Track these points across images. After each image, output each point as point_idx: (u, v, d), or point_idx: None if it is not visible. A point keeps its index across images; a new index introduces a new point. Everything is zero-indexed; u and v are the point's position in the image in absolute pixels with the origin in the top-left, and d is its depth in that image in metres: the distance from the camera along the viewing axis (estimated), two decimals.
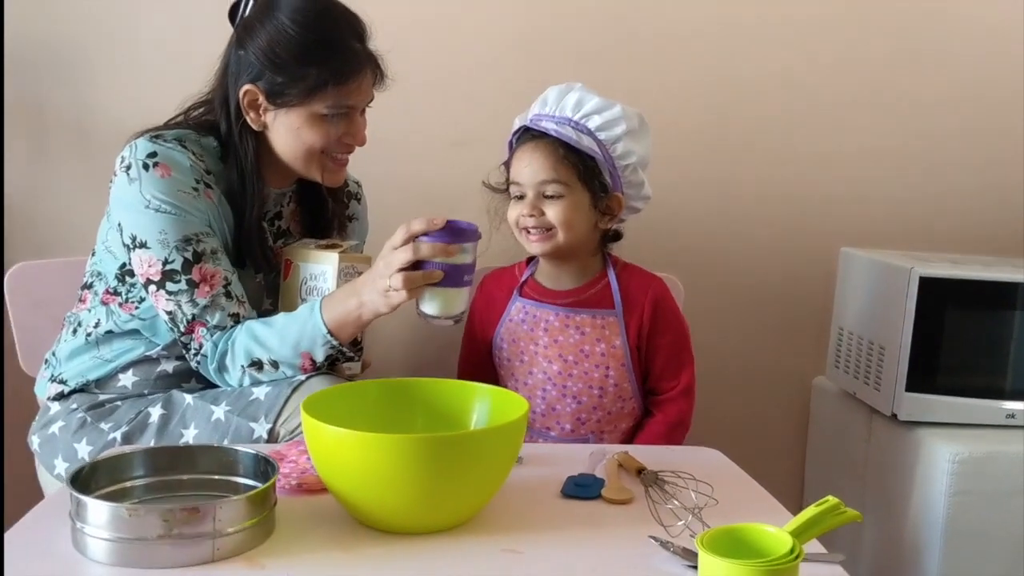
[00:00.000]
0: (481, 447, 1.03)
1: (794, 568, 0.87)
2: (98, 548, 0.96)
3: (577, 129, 1.52)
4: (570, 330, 1.58)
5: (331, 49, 1.42)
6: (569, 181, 1.52)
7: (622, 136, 1.53)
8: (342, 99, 1.45)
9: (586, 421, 1.58)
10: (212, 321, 1.42)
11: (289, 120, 1.44)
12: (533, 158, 1.53)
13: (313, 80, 1.41)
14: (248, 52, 1.43)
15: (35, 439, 1.53)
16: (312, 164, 1.49)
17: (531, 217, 1.53)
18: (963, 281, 1.72)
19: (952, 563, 1.66)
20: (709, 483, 1.14)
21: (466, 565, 0.98)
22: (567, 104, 1.54)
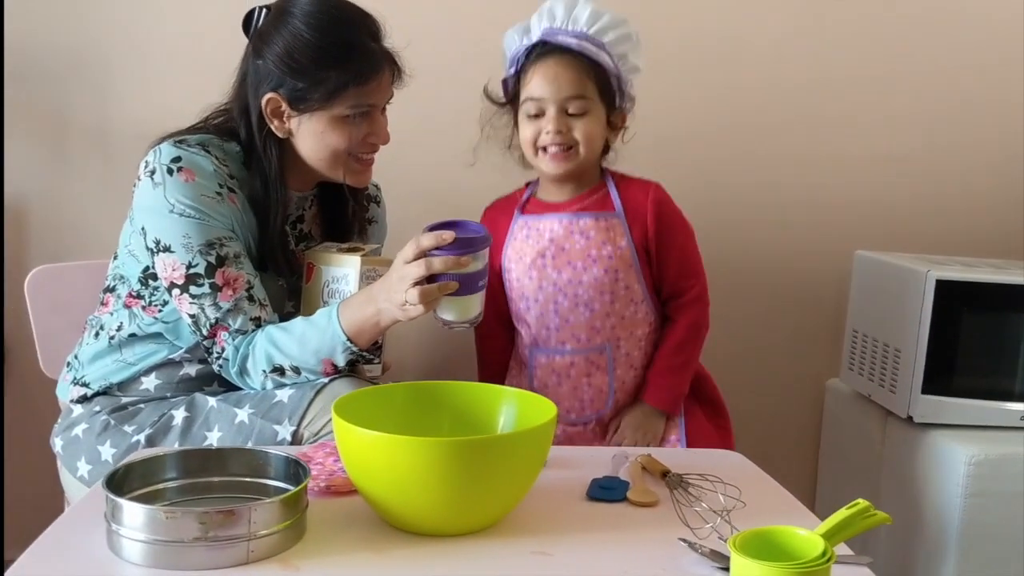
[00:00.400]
0: (511, 450, 1.04)
1: (826, 571, 0.88)
2: (134, 550, 0.97)
3: (594, 43, 1.53)
4: (575, 235, 1.58)
5: (349, 50, 1.43)
6: (592, 96, 1.53)
7: (629, 50, 1.56)
8: (363, 99, 1.46)
9: (600, 329, 1.59)
10: (234, 325, 1.43)
11: (313, 125, 1.46)
12: (559, 72, 1.52)
13: (333, 83, 1.42)
14: (266, 61, 1.44)
15: (58, 441, 1.54)
16: (338, 166, 1.50)
17: (557, 134, 1.52)
18: (979, 284, 1.73)
19: (969, 565, 1.67)
20: (736, 486, 1.14)
21: (497, 567, 0.99)
22: (580, 18, 1.53)
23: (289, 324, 1.44)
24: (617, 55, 1.55)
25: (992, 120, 2.16)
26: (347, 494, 1.16)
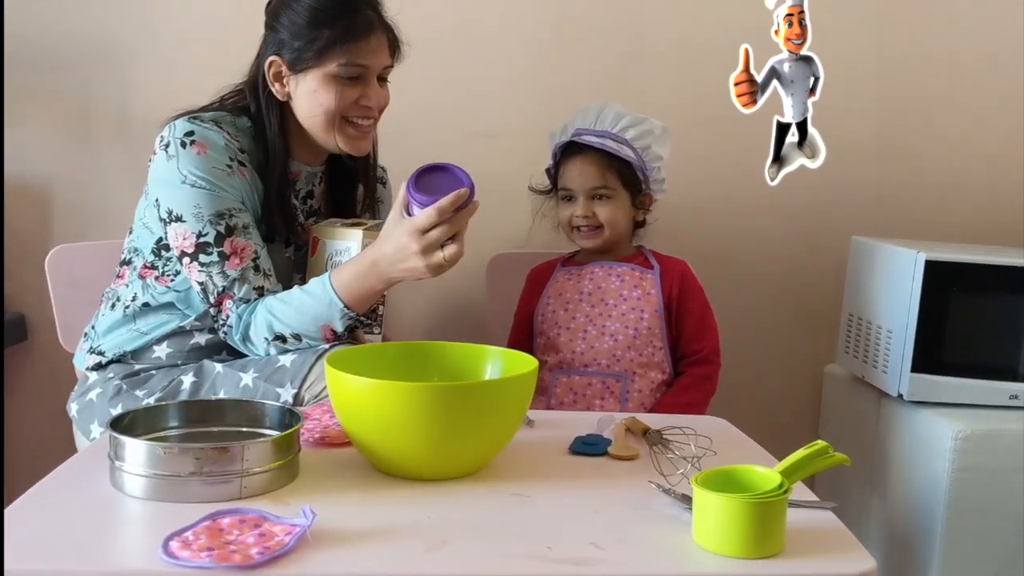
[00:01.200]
0: (493, 397, 1.10)
1: (782, 502, 0.93)
2: (135, 484, 1.03)
3: (616, 140, 1.76)
4: (612, 277, 1.80)
5: (341, 11, 1.50)
6: (614, 185, 1.78)
7: (652, 143, 1.78)
8: (353, 57, 1.51)
9: (621, 359, 1.74)
10: (239, 294, 1.49)
11: (306, 84, 1.52)
12: (583, 167, 1.77)
13: (325, 40, 1.49)
14: (272, 30, 1.53)
15: (73, 406, 1.61)
16: (331, 129, 1.55)
17: (584, 217, 1.77)
18: (968, 265, 1.76)
19: (955, 537, 1.70)
20: (708, 437, 1.19)
21: (476, 507, 1.05)
22: (605, 119, 1.77)
23: (286, 294, 1.50)
24: (640, 148, 1.77)
25: (990, 110, 2.19)
26: (340, 446, 1.22)
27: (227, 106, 1.59)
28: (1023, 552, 1.72)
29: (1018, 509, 1.70)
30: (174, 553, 0.88)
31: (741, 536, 0.92)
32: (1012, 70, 2.19)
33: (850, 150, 2.18)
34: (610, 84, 2.13)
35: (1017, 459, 1.69)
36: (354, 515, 1.01)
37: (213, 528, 0.94)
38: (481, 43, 2.13)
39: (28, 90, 2.08)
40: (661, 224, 1.96)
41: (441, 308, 2.14)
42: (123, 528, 0.99)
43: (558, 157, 1.83)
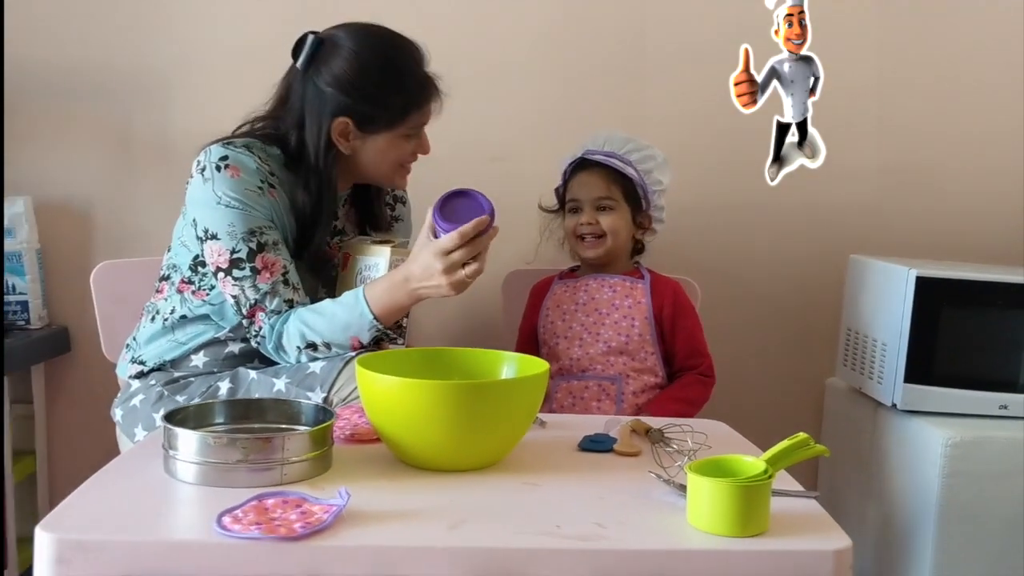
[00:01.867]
0: (508, 394, 1.22)
1: (767, 485, 1.04)
2: (187, 471, 1.15)
3: (622, 160, 1.91)
4: (604, 289, 1.94)
5: (407, 78, 1.65)
6: (617, 197, 1.92)
7: (653, 168, 1.94)
8: (421, 120, 1.69)
9: (614, 363, 1.87)
10: (270, 306, 1.61)
11: (375, 143, 1.67)
12: (590, 179, 1.92)
13: (399, 108, 1.64)
14: (330, 87, 1.62)
15: (118, 411, 1.73)
16: (390, 176, 1.73)
17: (588, 225, 1.91)
18: (958, 281, 1.87)
19: (947, 540, 1.79)
20: (705, 433, 1.30)
21: (493, 493, 1.17)
22: (613, 142, 1.94)
23: (319, 305, 1.61)
24: (643, 171, 1.92)
25: (986, 131, 2.29)
26: (369, 442, 1.34)
27: (257, 133, 1.71)
28: (1012, 555, 1.81)
29: (1007, 513, 1.80)
30: (227, 527, 1.00)
31: (729, 516, 1.02)
32: (1006, 90, 2.28)
33: (850, 169, 2.29)
34: (612, 110, 2.25)
35: (1006, 465, 1.79)
36: (383, 499, 1.12)
37: (259, 507, 1.05)
38: (496, 76, 2.26)
39: (72, 117, 2.23)
40: (666, 245, 2.09)
41: (460, 321, 2.26)
42: (178, 507, 1.11)
43: (567, 174, 1.97)
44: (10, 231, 2.15)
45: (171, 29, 2.22)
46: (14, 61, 2.19)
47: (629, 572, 0.99)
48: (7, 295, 2.16)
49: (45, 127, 2.22)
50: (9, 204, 2.15)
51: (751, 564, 1.00)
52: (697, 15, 2.26)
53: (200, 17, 2.22)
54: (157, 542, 1.00)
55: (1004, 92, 2.29)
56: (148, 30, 2.22)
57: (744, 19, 2.22)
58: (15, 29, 2.18)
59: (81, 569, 0.96)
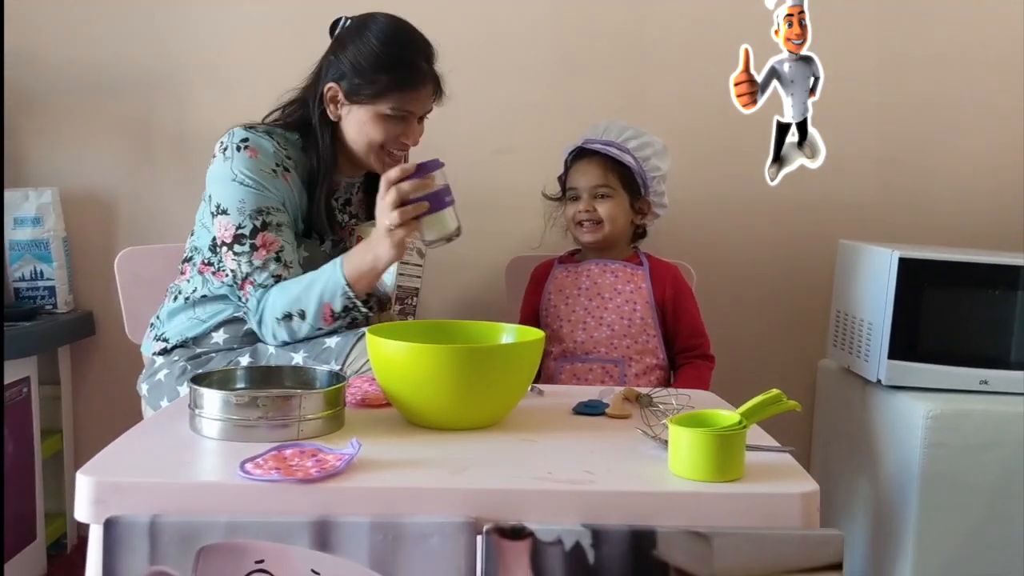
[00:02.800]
0: (506, 357, 1.32)
1: (741, 435, 1.13)
2: (211, 427, 1.25)
3: (620, 148, 1.98)
4: (606, 275, 2.01)
5: (402, 63, 1.74)
6: (614, 185, 1.99)
7: (652, 155, 2.00)
8: (402, 104, 1.76)
9: (617, 346, 1.96)
10: (259, 280, 1.70)
11: (358, 114, 1.76)
12: (588, 168, 2.00)
13: (382, 85, 1.73)
14: (339, 58, 1.76)
15: (144, 386, 1.83)
16: (372, 155, 1.79)
17: (586, 212, 1.99)
18: (938, 262, 1.96)
19: (929, 510, 1.88)
20: (689, 395, 1.40)
21: (493, 447, 1.27)
22: (611, 131, 2.01)
23: (302, 277, 1.70)
24: (641, 158, 1.99)
25: (979, 121, 2.39)
26: (379, 406, 1.44)
27: (284, 118, 1.82)
28: (992, 523, 1.89)
29: (987, 483, 1.89)
30: (249, 471, 1.11)
31: (706, 463, 1.12)
32: (1010, 77, 2.37)
33: (844, 159, 2.37)
34: (615, 101, 2.35)
35: (986, 437, 1.87)
36: (392, 451, 1.22)
37: (279, 456, 1.16)
38: (501, 70, 2.36)
39: (95, 112, 2.35)
40: (663, 231, 2.18)
41: (466, 306, 2.36)
42: (205, 457, 1.21)
43: (568, 163, 2.06)
44: (38, 220, 2.26)
45: (188, 27, 2.33)
46: (40, 60, 2.31)
47: (613, 512, 1.08)
48: (35, 281, 2.28)
49: (70, 122, 2.35)
50: (37, 195, 2.27)
51: (725, 505, 1.10)
52: (698, 9, 2.36)
53: (216, 14, 2.33)
54: (185, 484, 1.10)
55: (997, 83, 2.38)
56: (166, 29, 2.33)
57: (743, 14, 2.34)
58: (39, 29, 2.31)
59: (116, 508, 1.07)
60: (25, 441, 2.17)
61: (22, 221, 2.27)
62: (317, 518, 1.06)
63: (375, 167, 1.81)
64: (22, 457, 2.16)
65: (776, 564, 1.08)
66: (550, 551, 1.06)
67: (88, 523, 1.08)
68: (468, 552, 1.06)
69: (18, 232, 2.27)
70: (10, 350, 2.06)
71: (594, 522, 1.07)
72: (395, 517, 1.07)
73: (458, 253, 2.36)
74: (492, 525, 1.06)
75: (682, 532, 1.07)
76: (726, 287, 2.40)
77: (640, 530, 1.07)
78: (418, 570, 1.05)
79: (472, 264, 2.37)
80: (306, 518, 1.06)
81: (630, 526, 1.07)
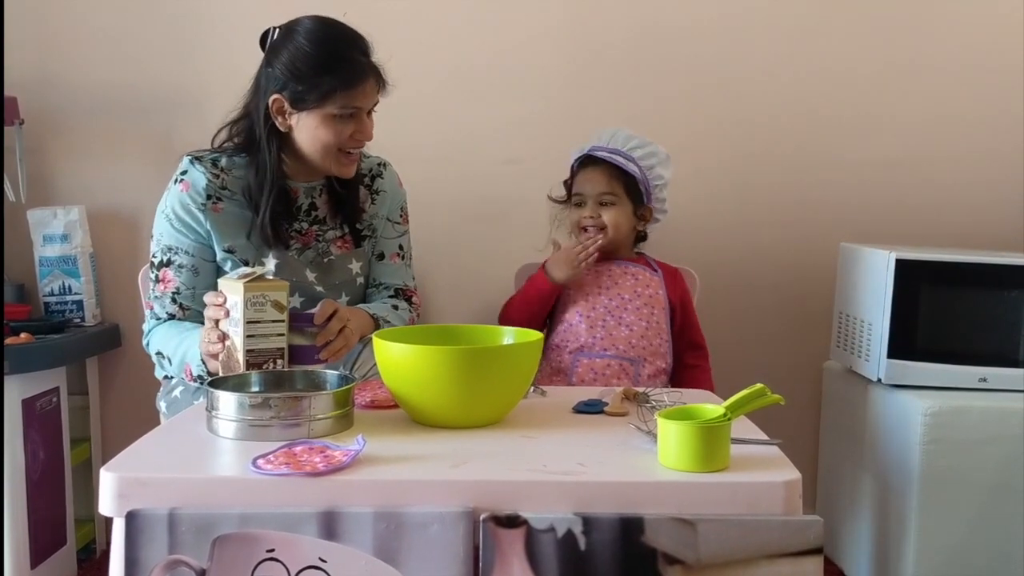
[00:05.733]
0: (506, 358, 1.39)
1: (726, 427, 1.19)
2: (227, 428, 1.33)
3: (625, 157, 2.05)
4: (627, 276, 2.09)
5: (339, 61, 1.73)
6: (619, 193, 2.07)
7: (656, 164, 2.08)
8: (350, 101, 1.75)
9: (635, 345, 2.02)
10: (156, 309, 1.80)
11: (308, 121, 1.75)
12: (594, 176, 2.07)
13: (326, 87, 1.72)
14: (274, 68, 1.74)
15: (163, 404, 1.91)
16: (328, 159, 1.77)
17: (591, 218, 2.07)
18: (934, 262, 2.01)
19: (928, 505, 1.93)
20: (681, 392, 1.46)
21: (493, 443, 1.33)
22: (617, 139, 2.08)
23: (186, 324, 1.75)
24: (646, 167, 2.06)
25: (974, 124, 2.44)
26: (387, 408, 1.51)
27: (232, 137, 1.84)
28: (991, 517, 1.93)
29: (986, 478, 1.93)
30: (260, 467, 1.18)
31: (693, 454, 1.18)
32: (1010, 81, 2.42)
33: (843, 161, 2.45)
34: (621, 111, 2.41)
35: (984, 434, 1.92)
36: (396, 447, 1.29)
37: (289, 452, 1.23)
38: (511, 80, 2.43)
39: (120, 133, 2.44)
40: (667, 236, 2.24)
41: (474, 314, 2.42)
42: (220, 455, 1.28)
43: (575, 169, 2.13)
44: (66, 237, 2.36)
45: (207, 49, 2.42)
46: (66, 81, 2.41)
47: (603, 501, 1.14)
48: (64, 295, 2.37)
49: (96, 142, 2.45)
50: (64, 212, 2.36)
51: (711, 494, 1.16)
52: (704, 20, 2.42)
53: (238, 34, 2.38)
54: (201, 479, 1.18)
55: (997, 87, 2.43)
56: (189, 49, 2.42)
57: (748, 24, 2.42)
58: (66, 52, 2.41)
59: (138, 501, 1.14)
60: (56, 449, 2.26)
61: (51, 238, 2.37)
62: (324, 509, 1.13)
63: (333, 170, 1.81)
64: (53, 464, 2.25)
65: (759, 549, 1.13)
66: (543, 538, 1.12)
67: (112, 516, 1.15)
68: (466, 540, 1.12)
69: (47, 249, 2.37)
70: (40, 362, 2.15)
71: (585, 510, 1.14)
72: (397, 508, 1.13)
73: (469, 260, 2.46)
74: (488, 514, 1.13)
75: (669, 519, 1.13)
76: (730, 291, 2.46)
77: (629, 517, 1.13)
78: (419, 557, 1.12)
79: (483, 271, 2.44)
80: (314, 509, 1.13)
81: (619, 514, 1.13)
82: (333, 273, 1.87)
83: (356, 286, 1.91)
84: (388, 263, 1.96)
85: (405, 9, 2.37)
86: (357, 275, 1.91)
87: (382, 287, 1.96)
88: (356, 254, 1.91)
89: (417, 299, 2.00)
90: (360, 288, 1.93)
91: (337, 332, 1.62)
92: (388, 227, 1.97)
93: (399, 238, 1.98)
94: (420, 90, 2.24)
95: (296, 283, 1.81)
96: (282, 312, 1.56)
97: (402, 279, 1.98)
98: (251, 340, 1.54)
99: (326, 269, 1.87)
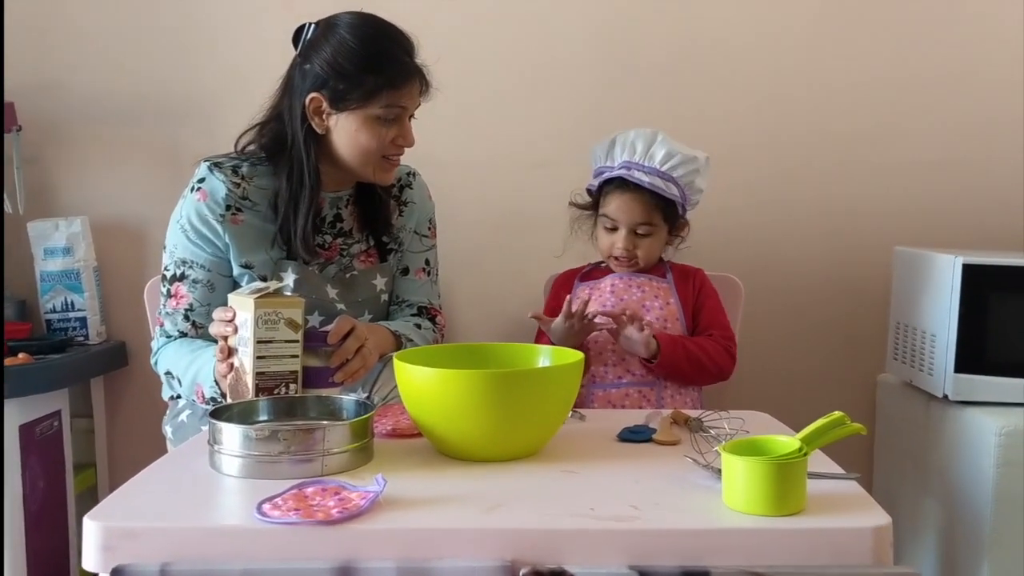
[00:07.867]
0: (543, 382, 1.23)
1: (802, 463, 1.03)
2: (232, 464, 1.18)
3: (664, 179, 1.83)
4: (632, 289, 1.88)
5: (386, 60, 1.60)
6: (657, 222, 1.86)
7: (695, 177, 1.86)
8: (394, 102, 1.62)
9: (651, 367, 1.79)
10: (167, 326, 1.66)
11: (348, 122, 1.62)
12: (632, 205, 1.84)
13: (371, 85, 1.59)
14: (313, 65, 1.60)
15: (168, 428, 1.77)
16: (368, 164, 1.65)
17: (625, 250, 1.86)
18: (1005, 267, 1.84)
19: (1003, 530, 1.76)
20: (742, 419, 1.30)
21: (529, 480, 1.18)
22: (655, 156, 1.83)
23: (199, 343, 1.62)
24: (685, 184, 1.85)
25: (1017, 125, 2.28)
26: (409, 437, 1.36)
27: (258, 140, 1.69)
28: None
29: None
30: (266, 513, 1.03)
31: (764, 495, 1.02)
32: None
33: (892, 164, 2.28)
34: (654, 116, 2.25)
35: None
36: (421, 486, 1.14)
37: (299, 495, 1.08)
38: (539, 84, 2.29)
39: (125, 142, 2.31)
40: (710, 244, 2.08)
41: (503, 326, 2.28)
42: (221, 497, 1.14)
43: (603, 185, 1.90)
44: (68, 250, 2.23)
45: (214, 58, 2.29)
46: (69, 90, 2.29)
47: (662, 552, 0.99)
48: (67, 312, 2.24)
49: (100, 151, 2.31)
50: (67, 224, 2.23)
51: (787, 542, 1.00)
52: (742, 22, 2.27)
53: (244, 43, 2.28)
54: (197, 528, 1.03)
55: None
56: (194, 58, 2.29)
57: (785, 22, 2.26)
58: (69, 60, 2.29)
59: (126, 555, 0.99)
60: (57, 477, 2.12)
61: (52, 251, 2.23)
62: (340, 564, 0.98)
63: (373, 177, 1.68)
64: (54, 493, 2.11)
65: None
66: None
67: (97, 573, 1.01)
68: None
69: (48, 263, 2.23)
70: (41, 383, 2.02)
71: (641, 563, 0.98)
72: (424, 561, 0.98)
73: (497, 267, 2.31)
74: (529, 569, 0.97)
75: (740, 573, 0.97)
76: (777, 300, 2.29)
77: (693, 571, 0.97)
78: None
79: (511, 278, 2.30)
80: (328, 564, 0.98)
81: (681, 567, 0.98)
82: (356, 289, 1.73)
83: (380, 304, 1.77)
84: (413, 279, 1.82)
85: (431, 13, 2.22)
86: (381, 292, 1.76)
87: (405, 304, 1.81)
88: (381, 269, 1.77)
89: (442, 319, 1.85)
90: (384, 306, 1.79)
91: (355, 352, 1.48)
92: (415, 240, 1.82)
93: (426, 252, 1.84)
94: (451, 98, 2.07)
95: (315, 300, 1.67)
96: (297, 331, 1.42)
97: (427, 296, 1.83)
98: (261, 362, 1.39)
99: (348, 285, 1.73)
